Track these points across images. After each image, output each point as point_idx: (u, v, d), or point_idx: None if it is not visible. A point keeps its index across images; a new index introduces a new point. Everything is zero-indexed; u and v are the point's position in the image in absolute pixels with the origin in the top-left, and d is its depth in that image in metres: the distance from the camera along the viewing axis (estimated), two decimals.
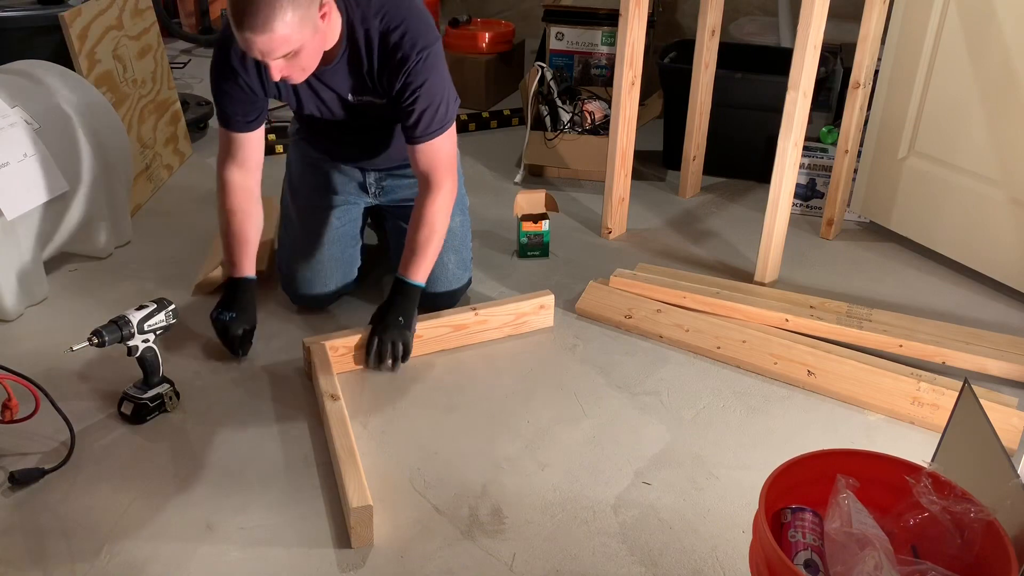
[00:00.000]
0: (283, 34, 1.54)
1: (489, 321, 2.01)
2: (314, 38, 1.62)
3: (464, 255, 2.12)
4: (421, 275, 1.90)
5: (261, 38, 1.53)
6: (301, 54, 1.61)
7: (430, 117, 1.80)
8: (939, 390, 1.77)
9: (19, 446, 1.66)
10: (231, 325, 1.90)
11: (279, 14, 1.52)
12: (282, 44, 1.56)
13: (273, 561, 1.43)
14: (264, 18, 1.51)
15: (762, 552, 1.13)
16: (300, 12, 1.54)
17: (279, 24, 1.52)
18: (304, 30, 1.57)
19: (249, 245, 1.94)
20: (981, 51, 2.19)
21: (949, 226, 2.36)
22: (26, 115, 2.07)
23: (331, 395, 1.72)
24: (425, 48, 1.75)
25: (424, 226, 1.88)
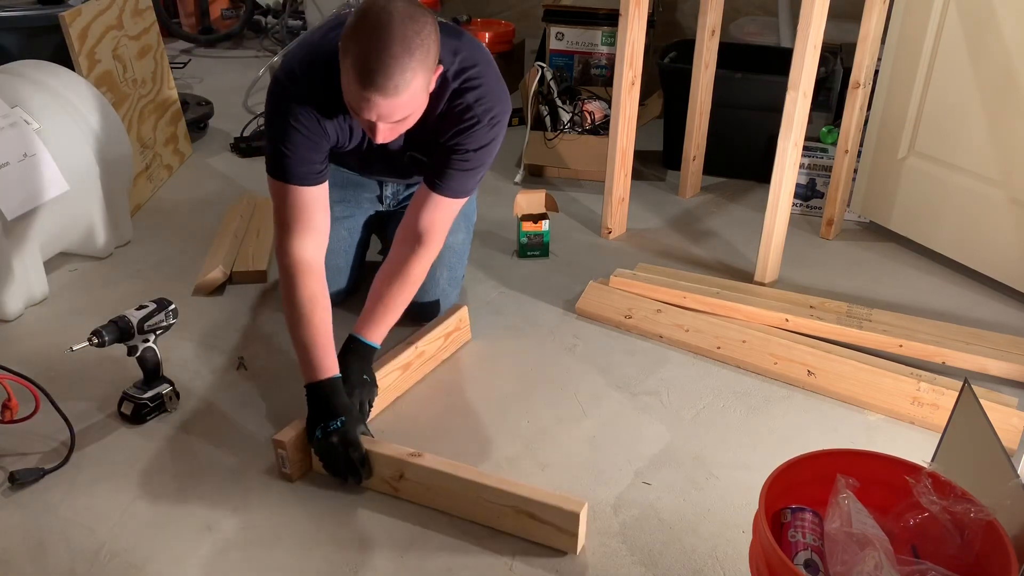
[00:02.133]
0: (410, 97, 1.45)
1: (426, 352, 1.88)
2: (423, 104, 1.52)
3: (457, 273, 2.05)
4: (379, 336, 1.72)
5: (388, 101, 1.42)
6: (407, 120, 1.52)
7: (465, 179, 1.69)
8: (939, 390, 1.77)
9: (19, 446, 1.66)
10: (345, 436, 1.53)
11: (410, 79, 1.42)
12: (404, 108, 1.46)
13: (273, 561, 1.43)
14: (396, 83, 1.41)
15: (762, 552, 1.13)
16: (427, 76, 1.46)
17: (407, 89, 1.43)
18: (421, 97, 1.49)
19: (323, 342, 1.61)
20: (981, 51, 2.19)
21: (949, 226, 2.36)
22: (26, 115, 2.07)
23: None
24: (497, 115, 1.66)
25: (401, 285, 1.72)
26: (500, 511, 1.47)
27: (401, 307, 1.75)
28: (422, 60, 1.42)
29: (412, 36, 1.41)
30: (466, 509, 1.51)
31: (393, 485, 1.55)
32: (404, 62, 1.40)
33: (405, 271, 1.73)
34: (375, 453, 1.55)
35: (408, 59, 1.40)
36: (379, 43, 1.40)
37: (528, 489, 1.46)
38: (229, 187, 2.82)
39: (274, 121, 1.61)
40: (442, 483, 1.51)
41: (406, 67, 1.40)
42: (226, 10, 4.60)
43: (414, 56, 1.41)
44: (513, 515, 1.46)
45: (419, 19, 1.43)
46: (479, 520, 1.50)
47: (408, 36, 1.40)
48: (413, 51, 1.41)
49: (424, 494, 1.53)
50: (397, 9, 1.42)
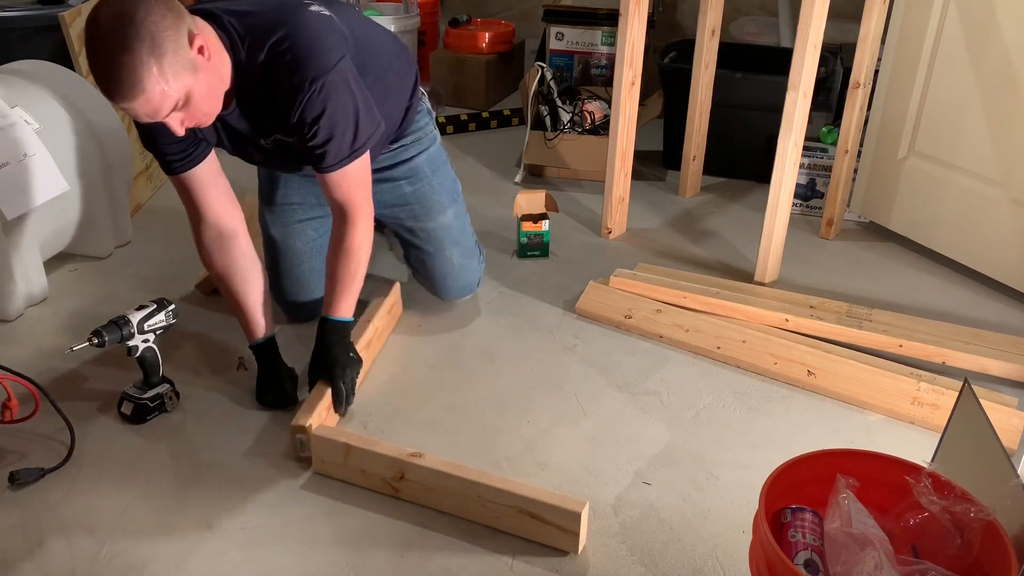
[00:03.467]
0: (161, 90, 1.38)
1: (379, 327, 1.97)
2: (199, 78, 1.43)
3: (466, 244, 2.07)
4: (347, 309, 1.75)
5: (137, 103, 1.38)
6: (193, 100, 1.45)
7: (336, 147, 1.62)
8: (939, 390, 1.77)
9: (19, 446, 1.66)
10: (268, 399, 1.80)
11: (143, 74, 1.35)
12: (163, 100, 1.40)
13: (273, 561, 1.43)
14: (131, 83, 1.35)
15: (762, 552, 1.13)
16: (167, 59, 1.37)
17: (149, 83, 1.36)
18: (182, 75, 1.40)
19: (249, 310, 1.79)
20: (981, 51, 2.19)
21: (949, 226, 2.36)
22: (26, 115, 2.07)
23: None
24: (317, 78, 1.54)
25: (346, 260, 1.72)
26: (501, 511, 1.47)
27: (354, 278, 1.74)
28: (149, 49, 1.35)
29: (124, 32, 1.34)
30: (467, 509, 1.51)
31: (393, 486, 1.55)
32: (126, 61, 1.34)
33: (345, 245, 1.72)
34: (375, 454, 1.55)
35: (129, 56, 1.34)
36: (100, 53, 1.36)
37: (529, 489, 1.46)
38: None
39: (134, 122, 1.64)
40: (442, 483, 1.51)
41: (132, 65, 1.34)
42: None
43: (134, 51, 1.34)
44: (514, 515, 1.46)
45: (128, 10, 1.35)
46: (480, 520, 1.50)
47: (119, 35, 1.34)
48: (131, 46, 1.34)
49: (425, 494, 1.53)
50: (103, 13, 1.37)
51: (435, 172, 2.01)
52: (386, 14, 3.64)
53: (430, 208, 2.00)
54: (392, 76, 1.85)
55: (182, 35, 1.40)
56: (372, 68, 1.74)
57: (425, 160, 1.99)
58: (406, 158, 1.97)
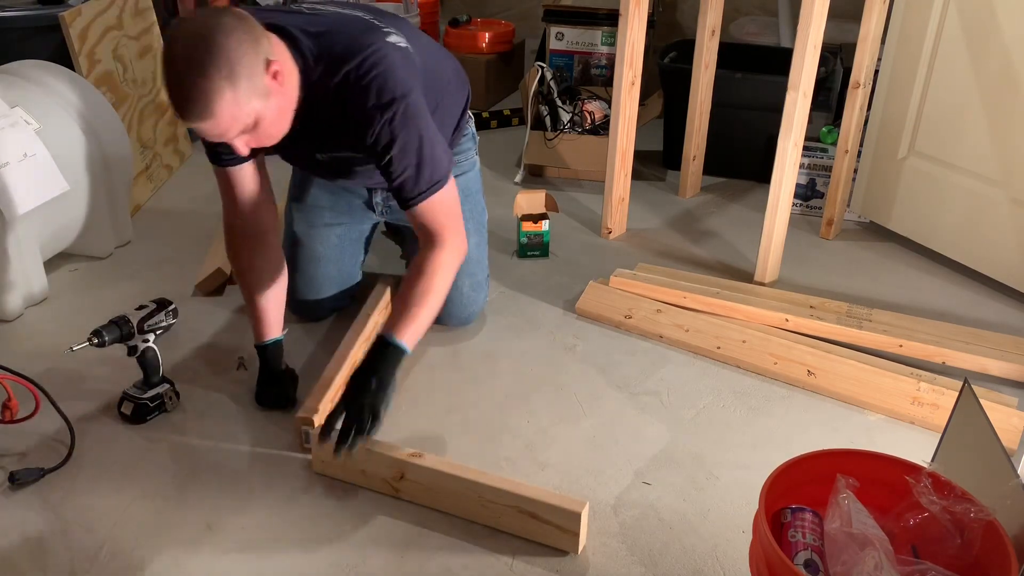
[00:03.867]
0: (231, 114, 1.39)
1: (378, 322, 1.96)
2: (270, 103, 1.45)
3: (479, 276, 2.03)
4: (409, 337, 1.59)
5: (207, 125, 1.40)
6: (262, 124, 1.46)
7: (412, 179, 1.59)
8: (939, 390, 1.77)
9: (19, 446, 1.66)
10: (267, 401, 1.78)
11: (216, 99, 1.36)
12: (232, 124, 1.41)
13: (273, 561, 1.43)
14: (203, 107, 1.37)
15: (762, 552, 1.13)
16: (242, 85, 1.38)
17: (219, 108, 1.37)
18: (252, 101, 1.41)
19: (264, 310, 1.76)
20: (981, 51, 2.19)
21: (949, 226, 2.36)
22: (26, 115, 2.07)
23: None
24: (390, 107, 1.53)
25: (422, 279, 1.61)
26: (501, 511, 1.47)
27: (426, 305, 1.60)
28: (226, 75, 1.36)
29: (202, 56, 1.36)
30: (467, 509, 1.51)
31: (394, 486, 1.55)
32: (201, 85, 1.36)
33: (424, 267, 1.62)
34: (375, 454, 1.55)
35: (204, 81, 1.36)
36: (175, 74, 1.38)
37: (529, 489, 1.46)
38: None
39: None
40: (443, 483, 1.51)
41: (206, 89, 1.36)
42: None
43: (209, 76, 1.35)
44: (514, 515, 1.46)
45: (210, 34, 1.37)
46: (480, 520, 1.50)
47: (197, 58, 1.36)
48: (207, 72, 1.35)
49: (425, 494, 1.53)
50: (185, 32, 1.39)
51: (466, 199, 1.92)
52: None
53: None
54: (449, 102, 1.84)
55: (259, 61, 1.41)
56: (434, 96, 1.72)
57: (461, 183, 1.90)
58: None
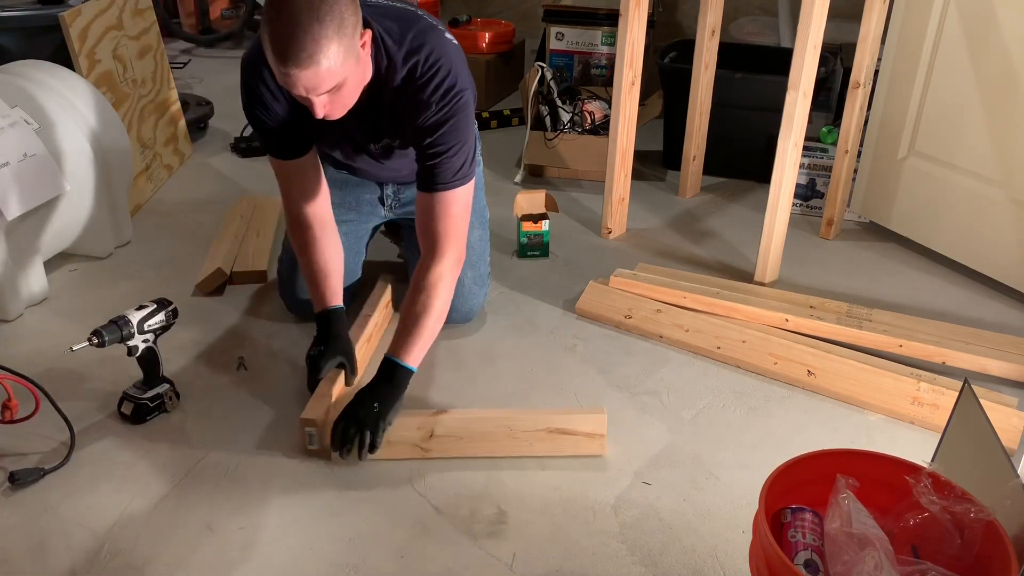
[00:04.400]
0: (329, 67, 1.44)
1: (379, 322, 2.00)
2: (357, 70, 1.52)
3: (481, 270, 2.05)
4: (414, 356, 1.65)
5: (306, 73, 1.43)
6: (344, 88, 1.51)
7: (452, 163, 1.65)
8: (939, 390, 1.77)
9: (19, 446, 1.66)
10: (319, 359, 1.73)
11: (324, 47, 1.41)
12: (328, 78, 1.46)
13: (273, 561, 1.43)
14: (310, 53, 1.41)
15: (762, 552, 1.13)
16: (345, 42, 1.44)
17: (324, 58, 1.42)
18: (348, 61, 1.47)
19: (330, 277, 1.81)
20: (981, 51, 2.19)
21: (949, 226, 2.36)
22: (26, 115, 2.07)
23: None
24: (461, 91, 1.63)
25: (423, 295, 1.67)
26: (532, 437, 1.63)
27: (428, 321, 1.67)
28: (336, 27, 1.42)
29: (319, 4, 1.41)
30: (500, 447, 1.64)
31: (422, 447, 1.62)
32: (314, 31, 1.40)
33: (423, 281, 1.68)
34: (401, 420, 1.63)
35: (318, 27, 1.40)
36: (287, 17, 1.42)
37: (553, 412, 1.67)
38: (229, 187, 2.82)
39: (243, 103, 1.72)
40: (474, 427, 1.63)
41: (318, 36, 1.41)
42: (226, 10, 4.60)
43: (324, 24, 1.41)
44: (545, 437, 1.63)
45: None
46: (515, 453, 1.64)
47: (315, 5, 1.41)
48: (323, 19, 1.41)
49: (456, 445, 1.63)
50: None
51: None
52: None
53: None
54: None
55: (359, 26, 1.49)
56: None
57: None
58: None
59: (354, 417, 1.58)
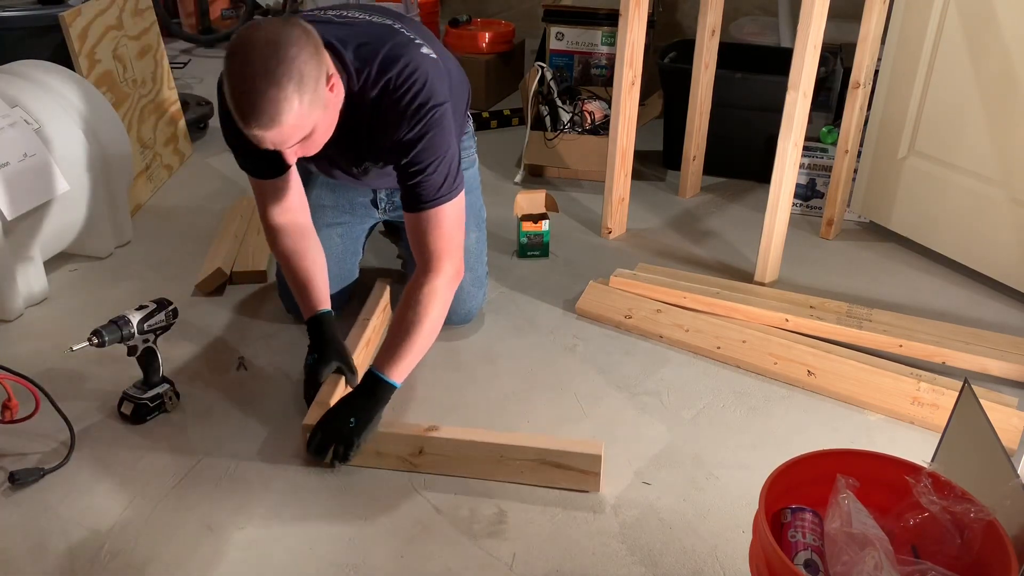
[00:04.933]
0: (293, 124, 1.42)
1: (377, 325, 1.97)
2: (325, 115, 1.50)
3: (479, 272, 2.04)
4: (398, 372, 1.62)
5: (270, 133, 1.42)
6: (314, 135, 1.50)
7: (433, 181, 1.61)
8: (939, 390, 1.77)
9: (19, 446, 1.66)
10: (316, 367, 1.72)
11: (284, 108, 1.39)
12: (294, 133, 1.45)
13: (273, 561, 1.43)
14: (271, 116, 1.39)
15: (762, 552, 1.13)
16: (307, 97, 1.42)
17: (286, 118, 1.40)
18: (314, 112, 1.45)
19: (314, 284, 1.79)
20: (981, 51, 2.19)
21: (949, 226, 2.36)
22: (26, 115, 2.07)
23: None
24: (436, 106, 1.59)
25: (415, 309, 1.63)
26: (523, 466, 1.57)
27: (417, 337, 1.63)
28: (295, 86, 1.39)
29: (275, 66, 1.38)
30: (489, 471, 1.59)
31: (412, 462, 1.60)
32: (271, 94, 1.38)
33: (415, 295, 1.65)
34: (390, 435, 1.59)
35: (276, 90, 1.38)
36: (245, 80, 1.39)
37: (546, 440, 1.58)
38: (229, 187, 2.82)
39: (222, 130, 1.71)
40: (463, 450, 1.58)
41: (276, 98, 1.38)
42: (226, 10, 4.60)
43: (281, 85, 1.38)
44: (537, 468, 1.56)
45: (283, 44, 1.40)
46: (503, 478, 1.59)
47: (271, 67, 1.38)
48: (279, 80, 1.38)
49: (445, 464, 1.59)
50: (258, 39, 1.40)
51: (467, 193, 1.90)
52: None
53: None
54: (460, 108, 1.85)
55: (322, 75, 1.46)
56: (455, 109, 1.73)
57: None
58: None
59: (329, 429, 1.58)
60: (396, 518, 1.52)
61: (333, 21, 1.67)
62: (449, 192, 1.64)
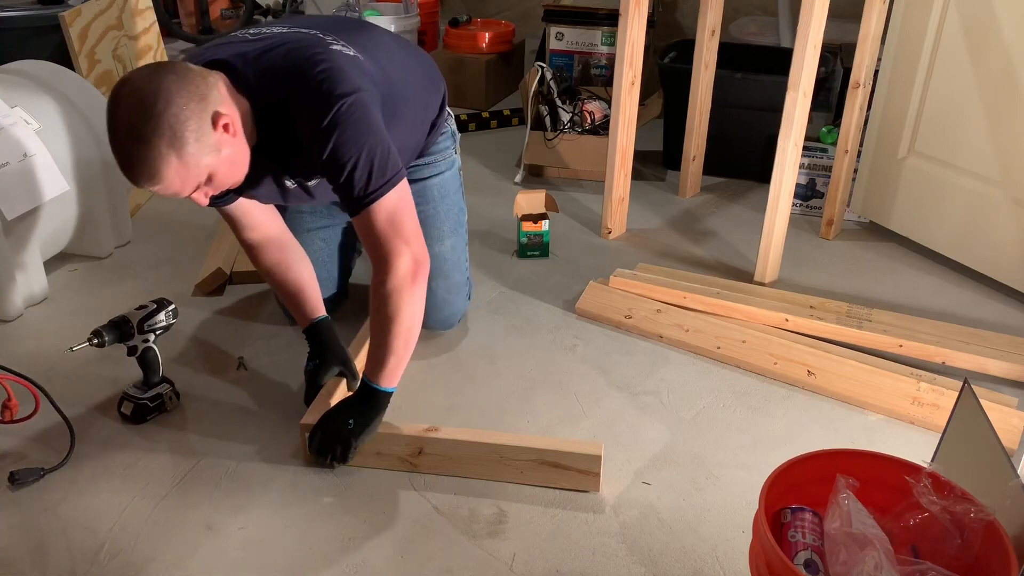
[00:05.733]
0: (177, 178, 1.37)
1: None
2: (223, 157, 1.42)
3: (455, 279, 1.98)
4: (386, 378, 1.58)
5: (158, 188, 1.38)
6: (216, 177, 1.43)
7: (361, 176, 1.49)
8: (939, 390, 1.77)
9: (19, 446, 1.66)
10: (317, 373, 1.72)
11: (160, 166, 1.35)
12: (184, 185, 1.39)
13: (273, 561, 1.43)
14: (148, 174, 1.36)
15: (762, 552, 1.13)
16: (187, 149, 1.35)
17: (165, 174, 1.36)
18: (202, 160, 1.38)
19: (303, 293, 1.78)
20: (981, 51, 2.19)
21: (949, 226, 2.36)
22: (26, 115, 2.07)
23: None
24: (341, 96, 1.46)
25: (382, 310, 1.55)
26: (523, 466, 1.57)
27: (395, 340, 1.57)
28: (168, 141, 1.34)
29: (141, 125, 1.33)
30: (489, 471, 1.59)
31: (412, 462, 1.60)
32: (142, 154, 1.34)
33: (380, 297, 1.56)
34: (390, 435, 1.60)
35: (145, 150, 1.34)
36: (118, 144, 1.36)
37: (546, 441, 1.60)
38: None
39: None
40: (463, 451, 1.59)
41: (147, 158, 1.34)
42: (226, 10, 4.60)
43: (151, 144, 1.33)
44: (537, 468, 1.57)
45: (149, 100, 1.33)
46: (504, 479, 1.59)
47: (136, 126, 1.33)
48: (148, 139, 1.33)
49: (445, 464, 1.59)
50: (124, 96, 1.35)
51: (443, 198, 1.94)
52: (386, 14, 3.65)
53: (428, 233, 1.80)
54: (417, 106, 1.79)
55: (205, 121, 1.38)
56: (395, 99, 1.65)
57: (437, 183, 1.93)
58: (418, 178, 1.89)
59: (328, 430, 1.58)
60: (396, 518, 1.52)
61: (245, 39, 1.59)
62: (383, 186, 1.51)
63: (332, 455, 1.58)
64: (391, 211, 1.53)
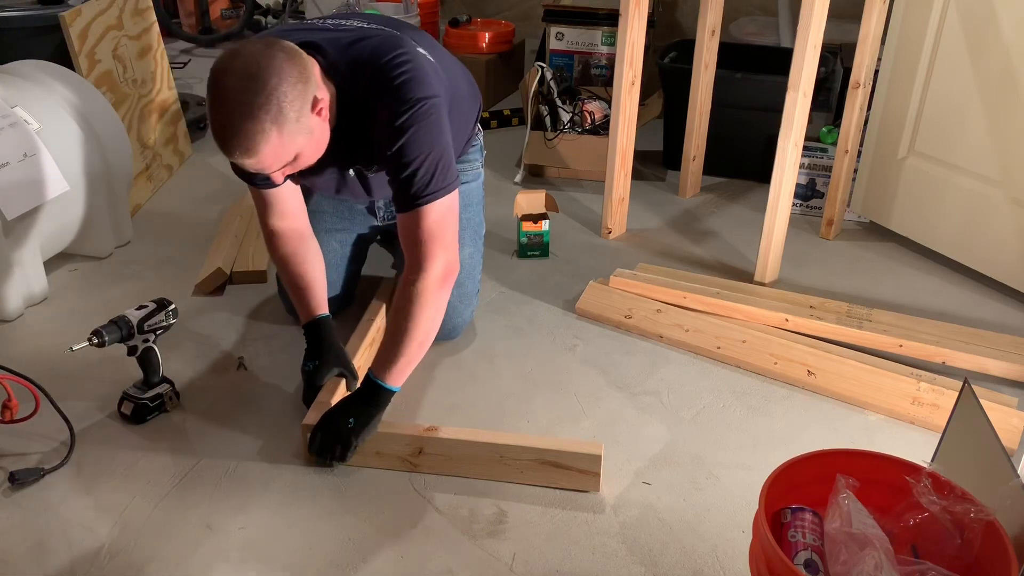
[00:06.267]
0: (273, 154, 1.43)
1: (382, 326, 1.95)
2: (312, 139, 1.49)
3: (469, 288, 1.98)
4: (394, 376, 1.60)
5: (249, 162, 1.44)
6: (300, 158, 1.50)
7: (421, 178, 1.55)
8: (939, 390, 1.77)
9: (19, 446, 1.66)
10: (316, 373, 1.71)
11: (261, 141, 1.40)
12: (274, 161, 1.45)
13: (273, 561, 1.43)
14: (246, 148, 1.40)
15: (762, 552, 1.13)
16: (288, 127, 1.42)
17: (263, 149, 1.41)
18: (297, 140, 1.45)
19: (311, 288, 1.79)
20: (981, 51, 2.19)
21: (949, 226, 2.36)
22: (26, 115, 2.07)
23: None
24: (422, 100, 1.54)
25: (408, 309, 1.58)
26: (523, 466, 1.57)
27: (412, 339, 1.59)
28: (273, 118, 1.39)
29: (251, 98, 1.38)
30: (489, 471, 1.59)
31: (411, 462, 1.60)
32: (247, 128, 1.38)
33: (407, 294, 1.60)
34: (390, 435, 1.60)
35: (251, 123, 1.38)
36: (221, 112, 1.40)
37: (546, 441, 1.59)
38: (229, 187, 2.81)
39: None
40: (463, 450, 1.59)
41: (252, 132, 1.39)
42: (226, 10, 4.60)
43: (258, 119, 1.38)
44: (537, 467, 1.57)
45: (262, 74, 1.38)
46: (504, 478, 1.59)
47: (247, 99, 1.38)
48: (256, 114, 1.38)
49: (445, 464, 1.59)
50: (236, 68, 1.39)
51: (467, 207, 1.94)
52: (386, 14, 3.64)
53: None
54: (463, 116, 1.83)
55: (306, 102, 1.44)
56: (454, 111, 1.70)
57: (463, 192, 1.89)
58: None
59: (328, 429, 1.59)
60: (396, 518, 1.52)
61: (327, 28, 1.65)
62: (439, 189, 1.58)
63: (332, 454, 1.58)
64: (440, 216, 1.60)
